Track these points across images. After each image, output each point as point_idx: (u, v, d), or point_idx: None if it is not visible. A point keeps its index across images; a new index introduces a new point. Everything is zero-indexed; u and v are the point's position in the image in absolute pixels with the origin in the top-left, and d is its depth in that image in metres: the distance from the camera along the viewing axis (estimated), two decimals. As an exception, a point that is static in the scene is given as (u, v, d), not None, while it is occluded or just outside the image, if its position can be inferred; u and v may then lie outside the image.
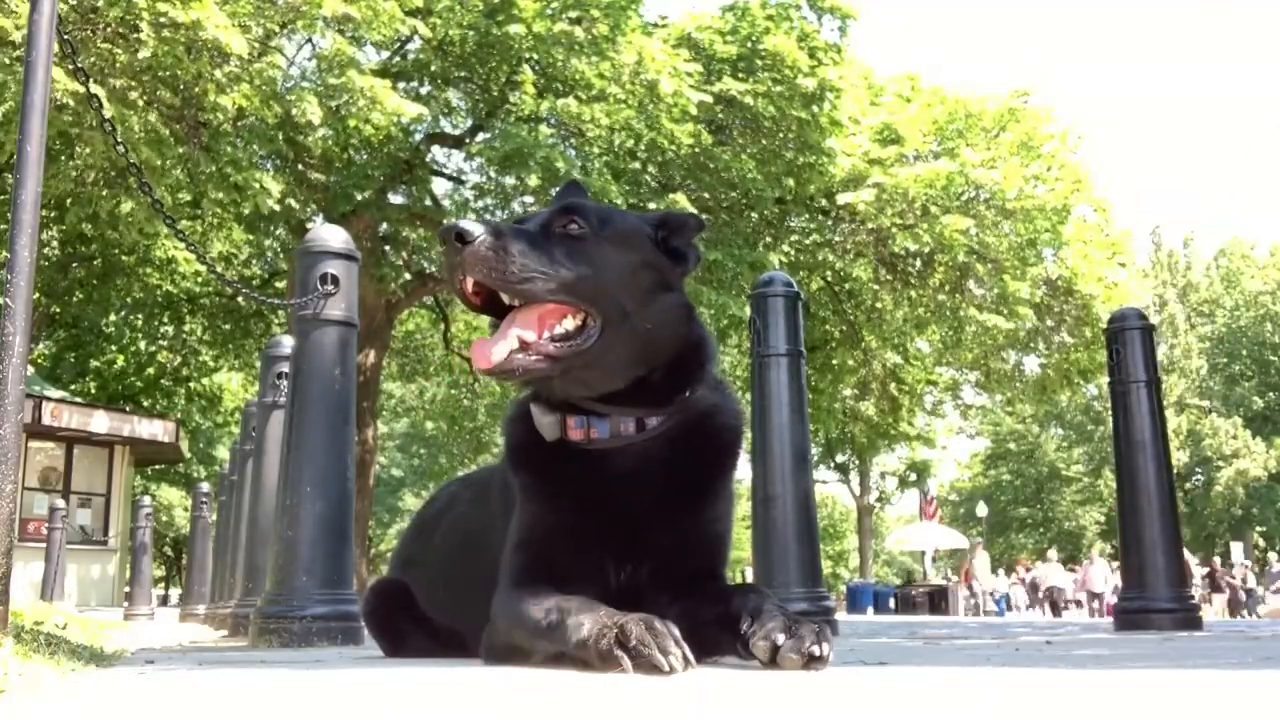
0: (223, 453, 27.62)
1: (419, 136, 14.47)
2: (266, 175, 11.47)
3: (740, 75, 13.14)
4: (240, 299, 18.42)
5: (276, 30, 11.12)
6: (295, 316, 3.85)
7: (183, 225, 13.97)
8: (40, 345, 21.74)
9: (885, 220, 14.06)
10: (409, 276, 15.47)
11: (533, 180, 12.19)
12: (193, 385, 24.31)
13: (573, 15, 12.20)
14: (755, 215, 14.27)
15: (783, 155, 13.52)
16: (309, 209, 13.75)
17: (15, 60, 9.30)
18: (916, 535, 33.45)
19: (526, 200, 13.45)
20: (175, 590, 37.38)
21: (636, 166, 13.40)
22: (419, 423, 31.02)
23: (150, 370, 23.92)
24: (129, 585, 13.61)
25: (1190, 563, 19.58)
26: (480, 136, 14.19)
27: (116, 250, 17.85)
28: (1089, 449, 42.61)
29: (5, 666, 1.80)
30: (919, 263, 15.09)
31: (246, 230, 15.62)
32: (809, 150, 13.37)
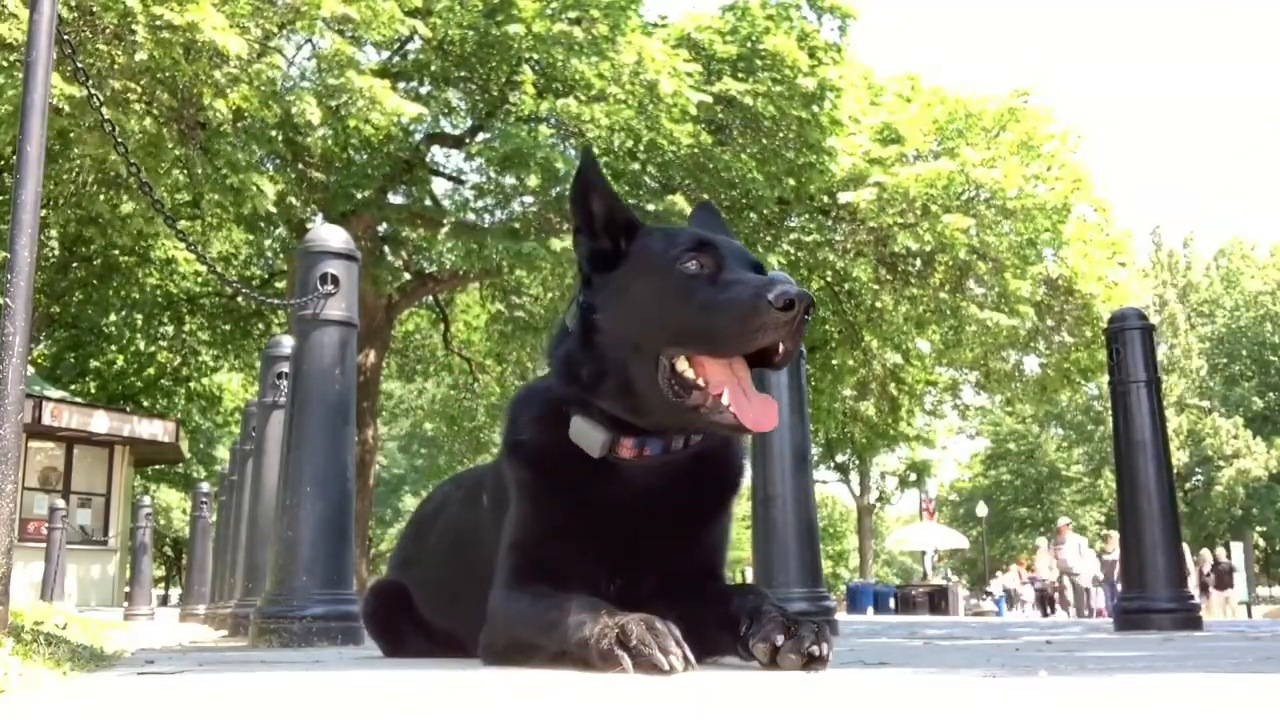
0: (223, 453, 27.62)
1: (419, 136, 14.47)
2: (264, 177, 11.46)
3: (740, 75, 13.14)
4: (240, 299, 18.42)
5: (275, 31, 11.11)
6: (295, 316, 3.85)
7: (182, 225, 13.98)
8: (40, 345, 21.74)
9: (886, 220, 14.06)
10: (409, 276, 15.46)
11: (533, 180, 12.19)
12: (193, 385, 24.31)
13: (572, 15, 12.20)
14: (755, 215, 14.27)
15: (783, 155, 13.52)
16: (309, 209, 13.74)
17: (14, 64, 9.29)
18: (916, 535, 33.50)
19: (526, 200, 13.45)
20: (175, 590, 37.38)
21: (636, 167, 13.40)
22: (419, 423, 31.02)
23: (150, 370, 23.93)
24: (129, 585, 13.61)
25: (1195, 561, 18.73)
26: (480, 136, 14.19)
27: (116, 250, 17.85)
28: (1089, 449, 42.61)
29: (5, 666, 1.80)
30: (919, 262, 15.09)
31: (246, 230, 15.62)
32: (809, 150, 13.37)
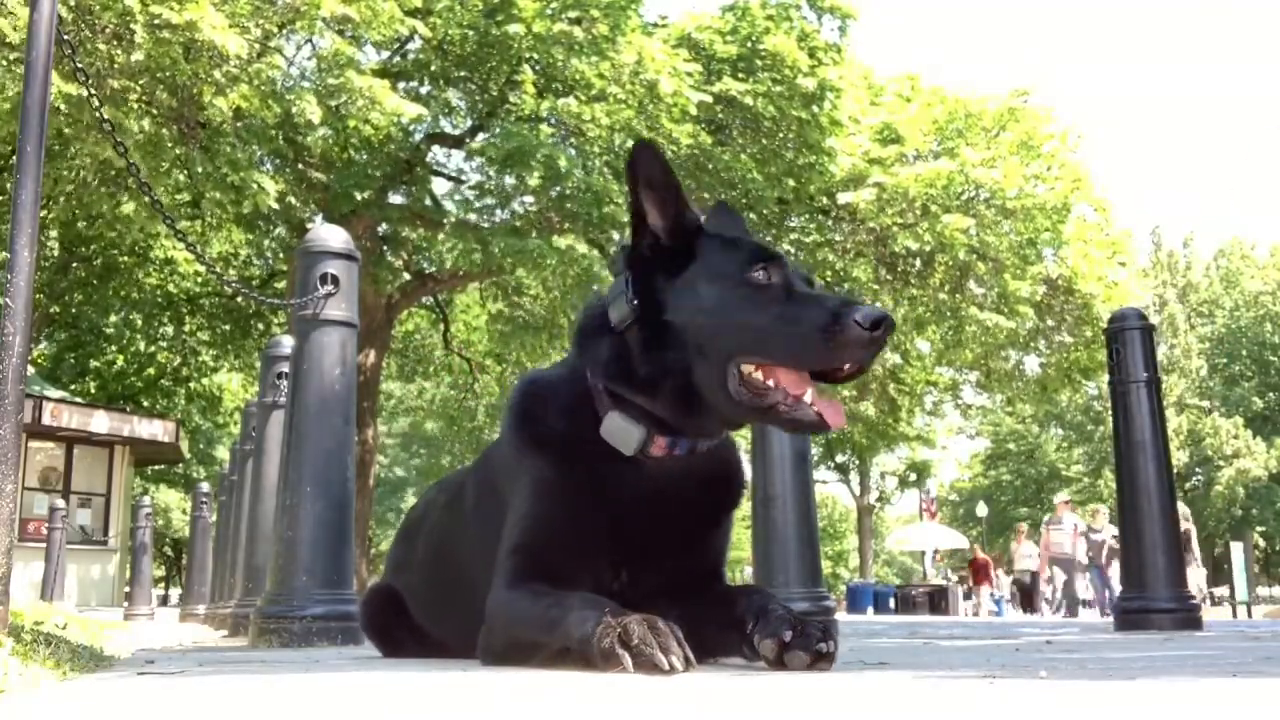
0: (223, 453, 27.61)
1: (419, 136, 14.47)
2: (265, 176, 11.45)
3: (740, 75, 13.14)
4: (240, 299, 18.42)
5: (275, 30, 11.11)
6: (295, 316, 3.85)
7: (182, 225, 13.98)
8: (40, 345, 21.74)
9: (885, 220, 14.07)
10: (409, 276, 15.46)
11: (533, 180, 12.19)
12: (193, 385, 24.32)
13: (573, 15, 12.20)
14: (755, 215, 14.26)
15: (783, 155, 13.52)
16: (309, 209, 13.74)
17: (14, 62, 9.29)
18: (916, 535, 33.49)
19: (526, 200, 13.45)
20: (175, 590, 37.38)
21: (637, 167, 13.38)
22: (419, 423, 31.04)
23: (150, 370, 23.94)
24: (129, 585, 13.61)
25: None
26: (480, 136, 14.18)
27: (116, 250, 17.86)
28: (1089, 449, 42.61)
29: (5, 666, 1.80)
30: (919, 262, 15.09)
31: (245, 230, 15.62)
32: (809, 150, 13.37)
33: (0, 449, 2.39)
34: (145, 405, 23.23)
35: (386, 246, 14.47)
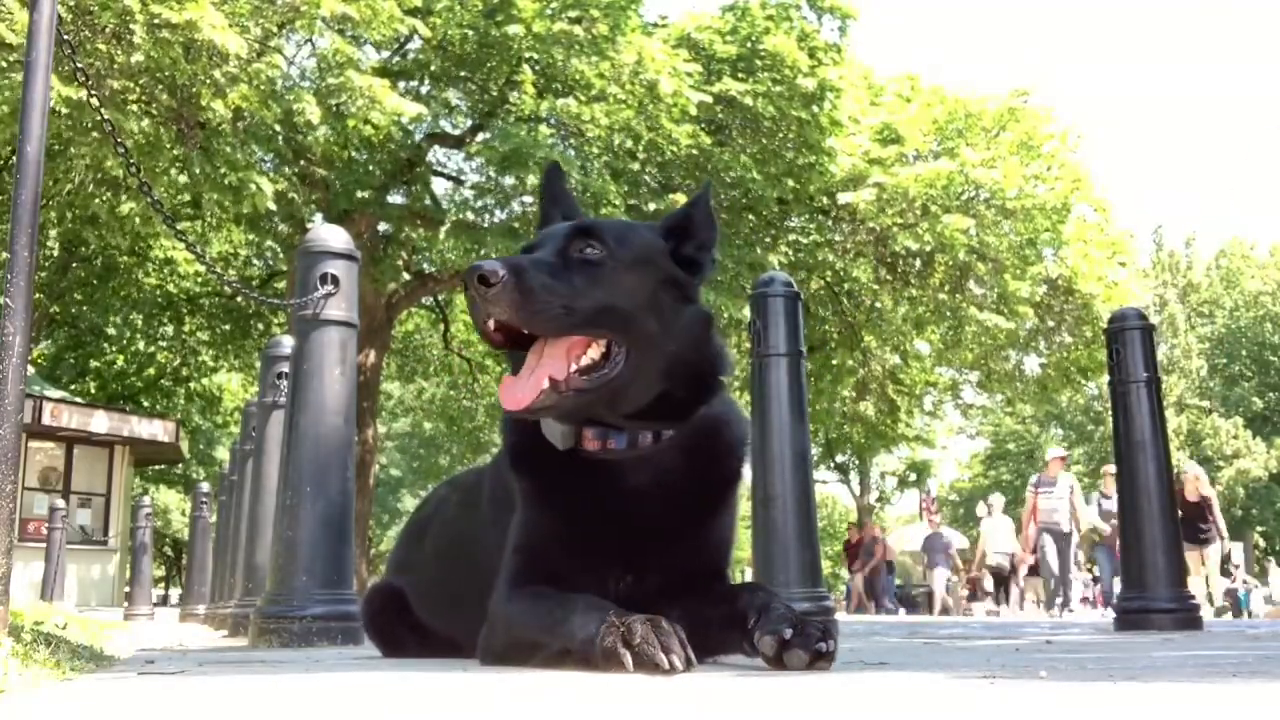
0: (223, 453, 27.60)
1: (419, 136, 14.47)
2: (263, 177, 11.45)
3: (740, 75, 13.14)
4: (240, 299, 18.42)
5: (275, 30, 11.11)
6: (295, 316, 3.85)
7: (182, 226, 13.98)
8: (40, 345, 21.73)
9: (885, 220, 14.06)
10: (409, 276, 15.46)
11: (532, 180, 12.19)
12: (193, 385, 24.31)
13: (572, 15, 12.20)
14: (754, 216, 14.27)
15: (782, 155, 13.51)
16: (309, 208, 13.75)
17: (13, 64, 9.29)
18: (916, 535, 33.42)
19: (526, 200, 13.45)
20: (175, 590, 37.37)
21: (636, 167, 13.39)
22: (419, 423, 31.01)
23: (150, 370, 23.93)
24: (129, 585, 13.61)
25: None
26: (480, 136, 14.19)
27: (116, 250, 17.84)
28: (1089, 449, 42.56)
29: (5, 666, 1.80)
30: (919, 262, 15.09)
31: (245, 230, 15.61)
32: (809, 150, 13.37)
33: (0, 449, 2.39)
34: (145, 405, 23.22)
35: (386, 246, 14.47)
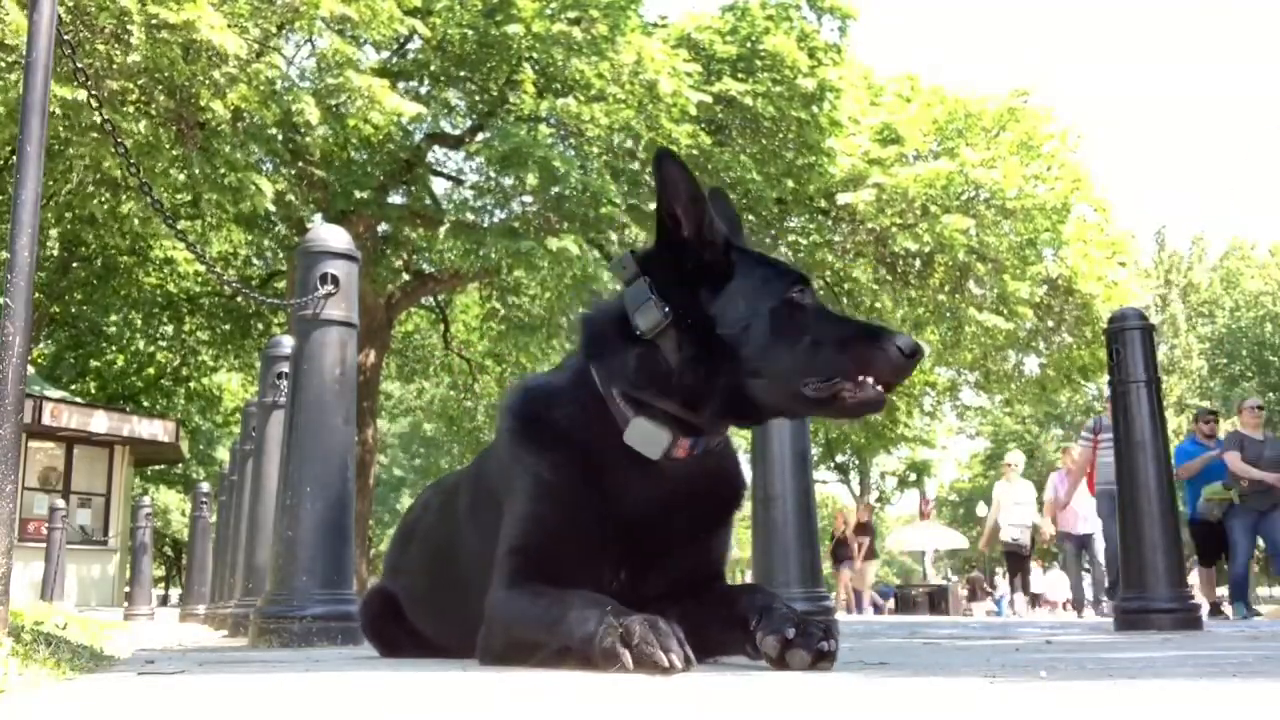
0: (223, 453, 27.60)
1: (419, 136, 14.47)
2: (262, 177, 11.45)
3: (740, 75, 13.14)
4: (240, 299, 18.42)
5: (274, 31, 11.10)
6: (295, 316, 3.85)
7: (182, 225, 13.97)
8: (40, 345, 21.73)
9: (885, 220, 14.05)
10: (408, 277, 15.45)
11: (531, 180, 12.19)
12: (193, 385, 24.30)
13: (572, 15, 12.19)
14: (754, 216, 14.26)
15: (782, 155, 13.51)
16: (309, 208, 13.74)
17: (13, 64, 9.28)
18: (916, 535, 33.43)
19: (526, 200, 13.44)
20: (175, 590, 37.36)
21: (636, 167, 13.39)
22: (419, 423, 31.02)
23: (150, 370, 23.92)
24: (129, 585, 13.61)
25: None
26: (480, 136, 14.18)
27: (115, 250, 17.85)
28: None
29: (5, 666, 1.80)
30: (919, 263, 15.08)
31: (245, 229, 15.62)
32: (809, 150, 13.36)
33: (0, 449, 2.39)
34: (145, 405, 23.21)
35: (386, 246, 14.48)
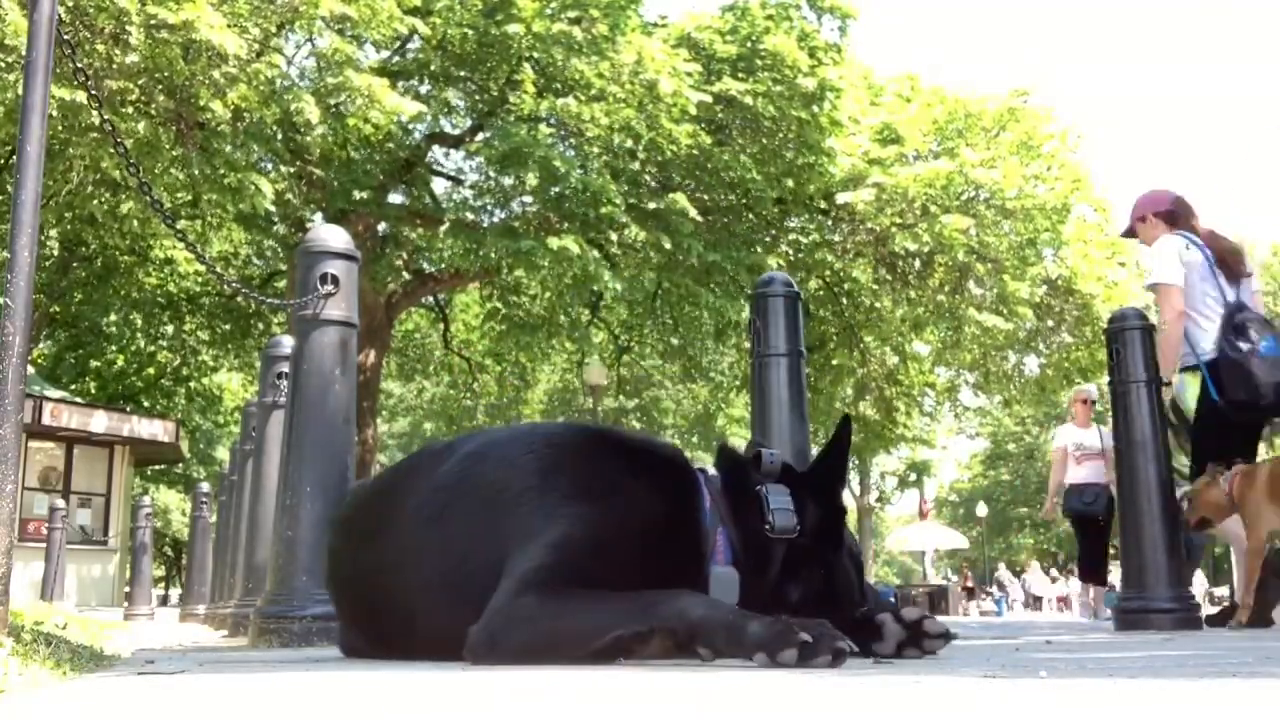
0: (223, 453, 27.60)
1: (418, 135, 14.46)
2: (263, 177, 11.45)
3: (740, 75, 13.13)
4: (240, 299, 18.41)
5: (274, 30, 11.09)
6: (295, 316, 3.85)
7: (182, 225, 13.97)
8: (40, 345, 21.72)
9: (885, 220, 14.04)
10: (408, 276, 15.45)
11: (531, 180, 12.18)
12: (193, 385, 24.30)
13: (572, 15, 12.19)
14: (754, 216, 14.26)
15: (782, 155, 13.50)
16: (309, 207, 13.74)
17: (12, 64, 9.28)
18: (916, 535, 33.47)
19: (525, 199, 13.44)
20: (175, 590, 37.36)
21: (636, 167, 13.39)
22: (419, 423, 31.02)
23: (150, 370, 23.91)
24: (129, 585, 13.61)
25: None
26: (480, 136, 14.18)
27: (115, 250, 17.84)
28: (1089, 449, 42.49)
29: (5, 666, 1.80)
30: (918, 263, 15.07)
31: (245, 229, 15.62)
32: (808, 150, 13.35)
33: (0, 449, 2.39)
34: (145, 405, 23.19)
35: (386, 246, 14.48)
